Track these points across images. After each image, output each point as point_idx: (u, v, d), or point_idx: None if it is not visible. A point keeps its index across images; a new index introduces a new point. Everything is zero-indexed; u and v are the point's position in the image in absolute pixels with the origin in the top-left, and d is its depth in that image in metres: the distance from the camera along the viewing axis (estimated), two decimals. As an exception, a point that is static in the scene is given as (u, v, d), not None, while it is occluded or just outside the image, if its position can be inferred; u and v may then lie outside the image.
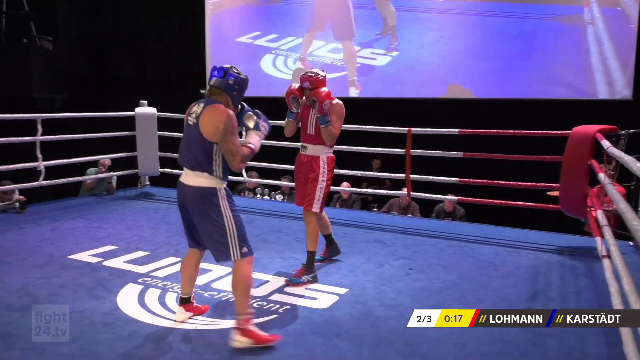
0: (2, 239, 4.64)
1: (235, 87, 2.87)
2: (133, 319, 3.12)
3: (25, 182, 5.87)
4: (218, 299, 3.47)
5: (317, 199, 3.85)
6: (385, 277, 3.91)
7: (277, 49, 9.18)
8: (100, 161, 6.78)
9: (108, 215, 5.62)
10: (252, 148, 2.89)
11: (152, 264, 4.08)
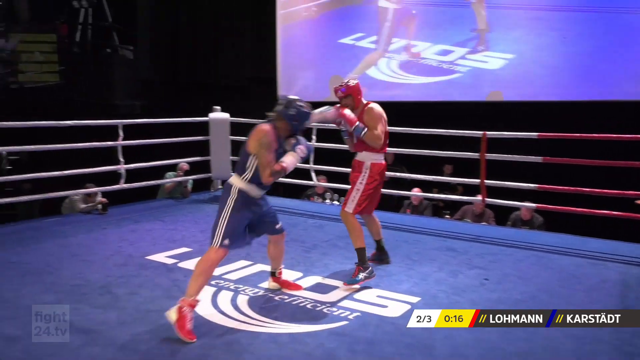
0: (87, 239, 4.92)
1: (295, 118, 3.29)
2: (206, 319, 3.22)
3: (107, 184, 6.21)
4: (288, 303, 3.51)
5: (351, 199, 3.98)
6: (458, 287, 3.81)
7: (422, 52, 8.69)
8: (179, 165, 7.08)
9: (183, 218, 5.82)
10: (283, 166, 3.26)
11: (224, 266, 4.18)
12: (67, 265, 4.13)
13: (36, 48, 9.81)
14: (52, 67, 9.84)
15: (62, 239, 4.92)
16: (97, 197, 6.15)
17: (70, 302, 3.38)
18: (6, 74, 9.68)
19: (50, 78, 9.82)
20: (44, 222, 5.62)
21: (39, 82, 9.77)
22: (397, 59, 8.81)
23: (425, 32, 8.69)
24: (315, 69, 8.95)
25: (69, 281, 3.78)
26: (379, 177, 4.04)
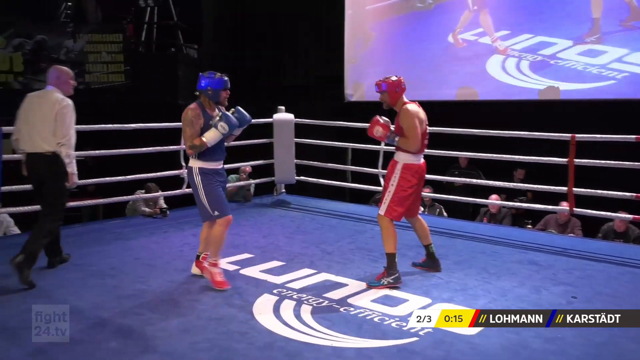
0: (148, 242, 5.10)
1: (208, 88, 3.87)
2: (268, 330, 3.24)
3: (169, 189, 6.41)
4: (354, 315, 3.47)
5: (384, 202, 4.08)
6: (542, 305, 3.65)
7: (508, 48, 7.97)
8: (242, 168, 7.21)
9: (245, 223, 5.92)
10: (203, 141, 3.80)
11: (288, 274, 4.21)
12: (130, 269, 4.28)
13: (103, 48, 10.30)
14: (117, 67, 10.30)
15: (124, 241, 5.12)
16: (160, 201, 6.37)
17: (131, 307, 3.50)
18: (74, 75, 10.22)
19: (115, 78, 10.28)
20: (107, 224, 5.88)
21: (105, 82, 10.25)
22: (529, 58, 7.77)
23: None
24: (384, 67, 8.87)
25: (131, 285, 3.92)
26: (415, 178, 4.07)
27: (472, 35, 8.35)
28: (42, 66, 10.08)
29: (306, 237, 5.36)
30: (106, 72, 10.29)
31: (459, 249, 5.08)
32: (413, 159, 4.06)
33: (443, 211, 7.35)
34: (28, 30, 10.06)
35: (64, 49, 10.17)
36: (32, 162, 4.09)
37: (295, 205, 6.85)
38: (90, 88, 10.21)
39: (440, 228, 5.71)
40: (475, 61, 8.25)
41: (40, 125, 4.05)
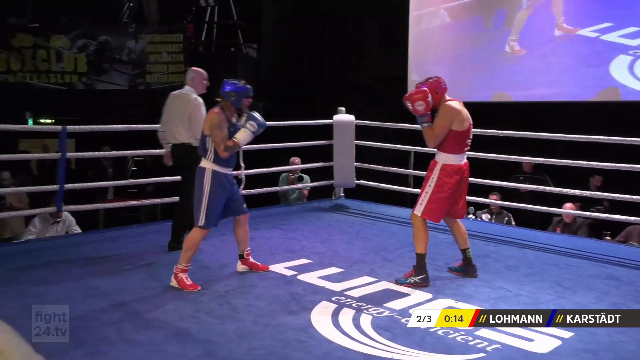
0: (205, 245, 5.16)
1: (232, 94, 4.07)
2: (326, 339, 3.23)
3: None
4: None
5: (420, 202, 4.12)
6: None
7: (638, 47, 7.40)
8: (291, 160, 7.32)
9: (302, 227, 5.95)
10: (235, 141, 3.99)
11: (347, 282, 4.20)
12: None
13: (164, 49, 10.62)
14: (177, 67, 10.59)
15: (182, 243, 5.23)
16: None
17: (188, 311, 3.58)
18: (135, 75, 10.57)
19: (175, 78, 10.57)
20: (165, 225, 6.01)
21: (165, 82, 10.56)
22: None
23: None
24: (448, 67, 8.73)
25: (188, 288, 4.00)
26: (454, 179, 4.07)
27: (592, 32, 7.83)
28: (104, 67, 10.50)
29: (366, 244, 5.33)
30: (166, 73, 10.59)
31: (529, 260, 4.93)
32: (453, 160, 4.09)
33: (512, 219, 7.15)
34: (92, 31, 10.48)
35: (126, 49, 10.54)
36: (175, 151, 4.97)
37: (355, 210, 6.82)
38: (150, 89, 10.53)
39: (509, 237, 5.56)
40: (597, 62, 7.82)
41: (177, 120, 4.89)
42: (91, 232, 6.33)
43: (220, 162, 4.05)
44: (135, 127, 5.97)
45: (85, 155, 6.61)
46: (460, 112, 4.04)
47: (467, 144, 4.13)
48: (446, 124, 4.03)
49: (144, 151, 6.57)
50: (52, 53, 10.34)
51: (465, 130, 4.06)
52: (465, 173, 4.17)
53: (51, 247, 5.06)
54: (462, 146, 4.09)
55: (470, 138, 4.13)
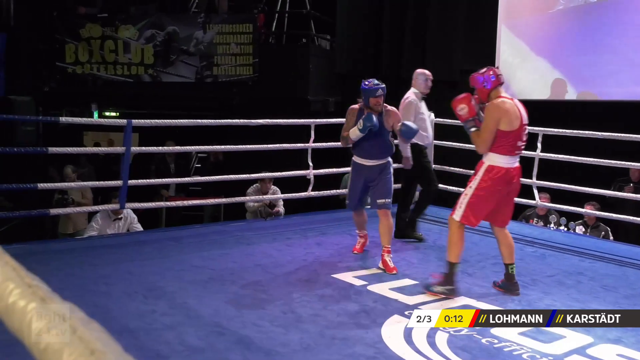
0: (270, 249, 5.28)
1: (361, 93, 4.78)
2: (398, 356, 3.21)
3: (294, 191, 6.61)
4: (499, 348, 3.34)
5: (458, 205, 4.08)
6: None
7: None
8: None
9: (374, 233, 5.88)
10: (344, 134, 4.85)
11: (421, 295, 4.16)
12: (250, 276, 4.47)
13: (232, 40, 10.85)
14: (246, 59, 10.79)
15: (245, 245, 5.35)
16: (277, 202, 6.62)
17: (251, 317, 3.64)
18: (202, 68, 10.86)
19: (244, 71, 10.78)
20: (228, 226, 6.18)
21: (233, 75, 10.79)
22: None
23: None
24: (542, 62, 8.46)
25: (251, 294, 4.08)
26: (499, 183, 4.00)
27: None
28: (171, 58, 10.83)
29: (443, 255, 5.21)
30: (234, 65, 10.81)
31: (631, 280, 4.72)
32: (501, 161, 4.01)
33: (609, 234, 6.85)
34: (160, 21, 10.84)
35: (193, 40, 10.82)
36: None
37: (433, 217, 6.72)
38: (217, 81, 10.78)
39: (607, 253, 5.34)
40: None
41: None
42: (153, 231, 6.58)
43: (357, 152, 4.87)
44: (201, 122, 6.14)
45: (150, 150, 6.83)
46: (507, 111, 3.96)
47: (518, 147, 4.04)
48: (492, 125, 3.97)
49: (208, 147, 6.75)
50: (119, 44, 10.76)
51: (514, 131, 3.97)
52: (515, 178, 4.08)
53: (113, 244, 5.29)
54: (512, 148, 4.00)
55: (522, 140, 4.05)
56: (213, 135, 8.83)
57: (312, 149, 6.50)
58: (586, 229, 6.92)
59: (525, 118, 4.04)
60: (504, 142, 3.97)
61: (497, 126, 3.95)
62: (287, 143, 6.51)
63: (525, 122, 4.04)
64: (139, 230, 6.30)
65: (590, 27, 8.34)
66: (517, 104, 4.04)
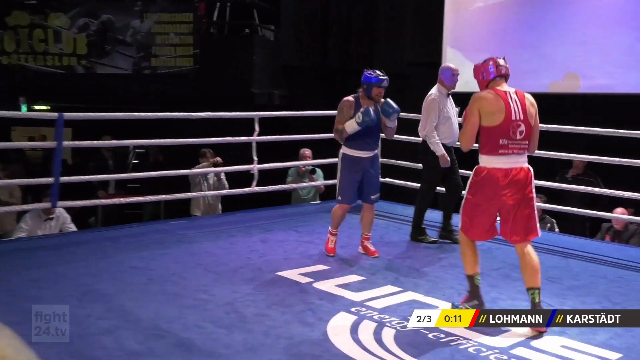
0: (213, 247, 5.25)
1: (364, 84, 4.88)
2: (344, 354, 3.25)
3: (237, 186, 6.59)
4: (445, 343, 3.43)
5: (460, 213, 3.90)
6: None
7: None
8: (301, 152, 7.36)
9: (320, 229, 5.95)
10: (339, 127, 4.87)
11: (368, 291, 4.21)
12: (192, 276, 4.43)
13: (171, 29, 10.70)
14: (186, 50, 10.66)
15: (187, 244, 5.30)
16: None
17: (193, 319, 3.62)
18: (140, 59, 10.67)
19: (184, 63, 10.65)
20: (169, 225, 6.10)
21: (173, 67, 10.65)
22: None
23: None
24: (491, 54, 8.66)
25: (193, 294, 4.05)
26: (484, 186, 3.68)
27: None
28: (106, 49, 10.59)
29: (390, 250, 5.34)
30: (174, 56, 10.66)
31: (575, 271, 4.90)
32: (486, 161, 3.70)
33: (555, 226, 7.09)
34: (94, 9, 10.58)
35: (130, 29, 10.62)
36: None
37: (379, 212, 6.78)
38: (156, 73, 10.62)
39: (552, 245, 5.51)
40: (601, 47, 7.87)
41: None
42: (88, 231, 6.45)
43: (351, 145, 4.91)
44: (139, 116, 6.03)
45: (83, 144, 6.67)
46: (488, 104, 3.67)
47: (505, 145, 3.65)
48: (472, 119, 3.71)
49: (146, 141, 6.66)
50: (49, 33, 10.46)
51: (496, 126, 3.64)
52: (503, 181, 3.64)
53: (44, 246, 5.15)
54: (496, 146, 3.64)
55: (509, 137, 3.65)
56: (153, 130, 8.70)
57: (256, 143, 6.48)
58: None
59: (517, 113, 3.66)
60: (488, 139, 3.68)
61: (477, 121, 3.69)
62: (230, 137, 6.48)
63: (516, 117, 3.65)
64: (72, 230, 6.16)
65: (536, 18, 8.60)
66: (511, 97, 3.68)
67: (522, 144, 3.69)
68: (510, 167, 3.67)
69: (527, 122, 3.69)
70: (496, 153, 3.66)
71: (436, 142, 5.40)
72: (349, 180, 4.97)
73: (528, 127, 3.69)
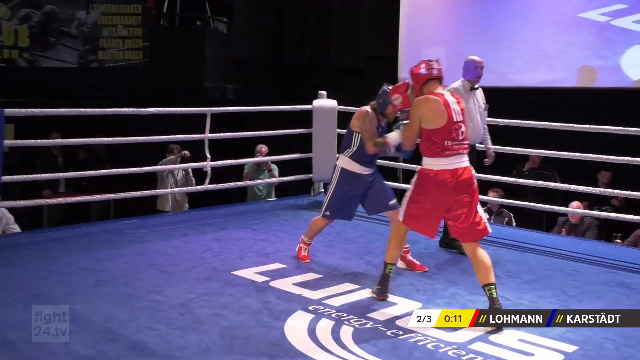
0: (166, 247, 5.19)
1: (380, 98, 4.56)
2: (302, 353, 3.26)
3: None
4: (404, 339, 3.47)
5: (401, 205, 4.03)
6: (634, 337, 3.57)
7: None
8: (257, 148, 7.37)
9: (277, 227, 5.97)
10: (386, 140, 4.41)
11: (326, 289, 4.23)
12: (145, 277, 4.38)
13: (119, 21, 10.52)
14: (135, 42, 10.50)
15: (139, 244, 5.24)
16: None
17: (145, 321, 3.58)
18: (86, 51, 10.47)
19: (133, 56, 10.50)
20: (119, 224, 6.02)
21: (121, 60, 10.47)
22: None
23: None
24: (448, 47, 8.79)
25: (145, 295, 4.01)
26: (429, 189, 3.82)
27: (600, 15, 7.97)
28: (50, 41, 10.34)
29: (348, 247, 5.37)
30: (122, 49, 10.50)
31: (531, 265, 5.02)
32: (429, 163, 3.84)
33: (512, 220, 7.25)
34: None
35: (75, 21, 10.41)
36: None
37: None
38: (103, 67, 10.44)
39: (509, 240, 5.64)
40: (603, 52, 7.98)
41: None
42: (34, 232, 6.30)
43: (356, 161, 4.62)
44: (85, 112, 5.91)
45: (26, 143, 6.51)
46: (429, 108, 3.80)
47: (450, 146, 3.79)
48: (413, 123, 3.88)
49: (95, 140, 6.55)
50: (-12, 24, 10.17)
51: (440, 129, 3.78)
52: (450, 182, 3.78)
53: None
54: (441, 148, 3.77)
55: (452, 138, 3.78)
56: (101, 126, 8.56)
57: (209, 139, 6.43)
58: (490, 215, 7.29)
59: (457, 114, 3.82)
60: (433, 142, 3.80)
61: (418, 123, 3.84)
62: (182, 134, 6.42)
63: (457, 118, 3.81)
64: (16, 231, 6.02)
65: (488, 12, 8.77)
66: (448, 100, 3.83)
67: (463, 144, 3.86)
68: (456, 167, 3.82)
69: (465, 122, 3.90)
70: (442, 155, 3.80)
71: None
72: (342, 197, 4.67)
73: (466, 127, 3.91)
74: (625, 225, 6.58)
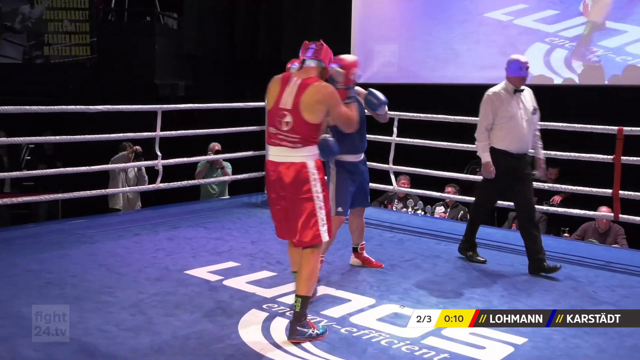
0: (117, 247, 5.12)
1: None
2: (256, 352, 3.27)
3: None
4: (358, 337, 3.51)
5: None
6: (580, 328, 3.68)
7: (554, 35, 7.68)
8: (210, 146, 7.34)
9: (230, 225, 5.95)
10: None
11: (280, 287, 4.24)
12: (94, 278, 4.31)
13: (65, 16, 10.30)
14: (83, 38, 10.31)
15: (88, 245, 5.15)
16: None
17: (95, 323, 3.53)
18: (31, 47, 10.22)
19: (80, 52, 10.29)
20: (67, 224, 5.91)
21: (68, 56, 10.26)
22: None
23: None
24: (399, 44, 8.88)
25: (95, 297, 3.95)
26: (266, 178, 3.56)
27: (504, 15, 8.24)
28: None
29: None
30: (69, 45, 10.29)
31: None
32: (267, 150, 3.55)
33: (467, 214, 7.37)
34: (-24, -8, 10.04)
35: (19, 15, 10.16)
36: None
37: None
38: (49, 63, 10.21)
39: (461, 235, 5.72)
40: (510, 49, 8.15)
41: None
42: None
43: (347, 149, 4.34)
44: (30, 109, 5.77)
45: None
46: (270, 86, 3.45)
47: (274, 134, 3.37)
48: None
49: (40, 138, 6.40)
50: None
51: (268, 112, 3.44)
52: (272, 175, 3.40)
53: None
54: (268, 135, 3.44)
55: (275, 126, 3.36)
56: (48, 123, 8.37)
57: (160, 137, 6.36)
58: (446, 209, 7.43)
59: (285, 102, 3.34)
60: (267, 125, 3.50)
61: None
62: (133, 132, 6.32)
63: (283, 105, 3.34)
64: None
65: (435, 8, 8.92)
66: (290, 82, 3.37)
67: (289, 137, 3.34)
68: (278, 160, 3.39)
69: (296, 114, 3.31)
70: (269, 142, 3.44)
71: (482, 146, 4.77)
72: (346, 189, 4.45)
73: (298, 120, 3.32)
74: (573, 220, 6.77)
